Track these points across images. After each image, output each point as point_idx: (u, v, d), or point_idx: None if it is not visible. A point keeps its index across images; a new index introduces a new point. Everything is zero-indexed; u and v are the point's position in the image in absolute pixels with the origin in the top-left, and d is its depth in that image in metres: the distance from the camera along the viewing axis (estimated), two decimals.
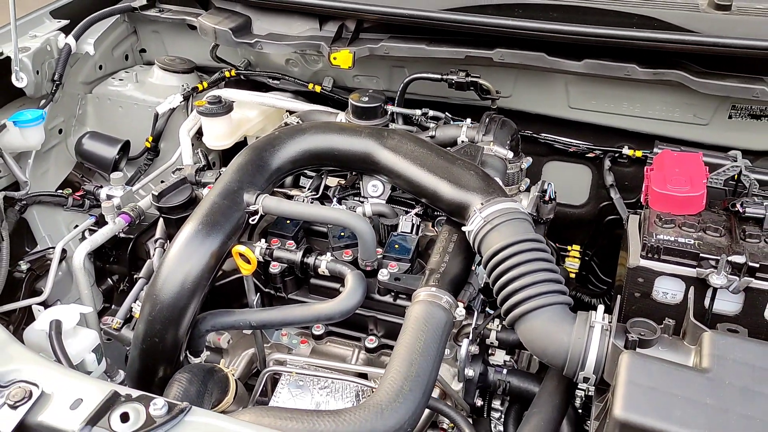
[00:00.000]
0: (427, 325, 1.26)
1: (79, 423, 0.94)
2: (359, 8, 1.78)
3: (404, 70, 1.89)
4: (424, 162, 1.48)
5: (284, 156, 1.57)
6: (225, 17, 1.94)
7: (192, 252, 1.36)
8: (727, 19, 1.58)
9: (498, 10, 1.69)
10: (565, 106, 1.88)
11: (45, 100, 1.92)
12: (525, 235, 1.31)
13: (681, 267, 1.35)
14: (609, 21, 1.62)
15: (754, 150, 1.76)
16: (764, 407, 1.03)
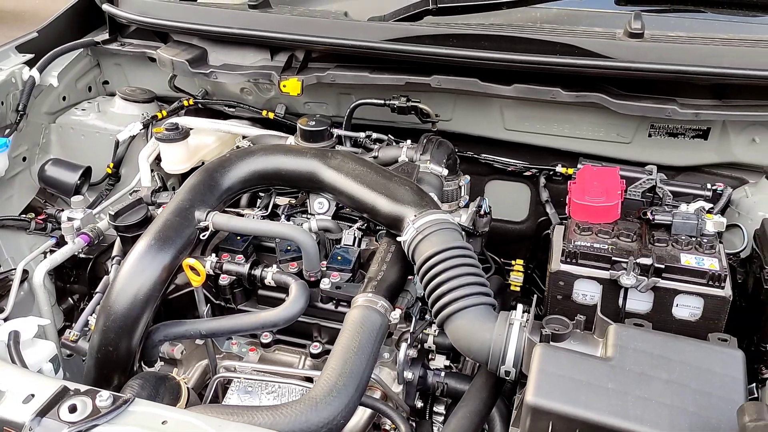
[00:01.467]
0: (363, 327, 1.36)
1: (30, 414, 1.02)
2: (307, 40, 1.91)
3: (351, 97, 2.01)
4: (364, 179, 1.60)
5: (234, 177, 1.68)
6: (182, 49, 2.06)
7: (145, 266, 1.46)
8: (640, 46, 1.73)
9: (434, 40, 1.82)
10: (501, 128, 2.01)
11: (9, 129, 2.01)
12: (453, 243, 1.43)
13: (596, 270, 1.47)
14: (535, 49, 1.76)
15: (674, 165, 1.90)
16: (658, 389, 1.14)
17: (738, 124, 1.80)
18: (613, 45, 1.73)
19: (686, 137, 1.86)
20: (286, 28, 1.93)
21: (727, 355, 1.21)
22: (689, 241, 1.49)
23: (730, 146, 1.84)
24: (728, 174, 1.88)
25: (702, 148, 1.87)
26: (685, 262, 1.43)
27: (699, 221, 1.51)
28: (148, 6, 2.16)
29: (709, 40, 1.75)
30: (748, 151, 1.83)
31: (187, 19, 2.05)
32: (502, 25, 1.87)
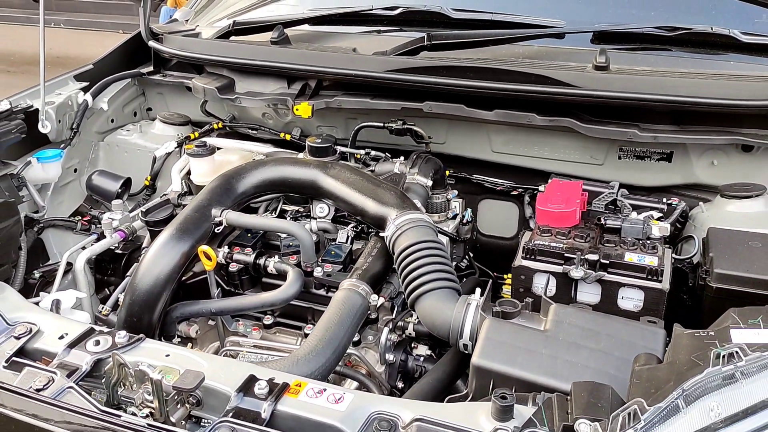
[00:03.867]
0: (345, 305, 1.60)
1: (63, 346, 1.29)
2: (319, 70, 2.21)
3: (357, 121, 2.28)
4: (357, 186, 1.86)
5: (248, 183, 1.95)
6: (213, 79, 2.38)
7: (166, 251, 1.73)
8: (606, 77, 1.96)
9: (426, 71, 2.09)
10: (489, 150, 2.25)
11: (64, 144, 2.34)
12: (426, 237, 1.67)
13: (551, 265, 1.68)
14: (513, 79, 2.01)
15: (644, 186, 2.10)
16: (585, 356, 1.34)
17: (698, 148, 2.00)
18: (581, 76, 1.97)
19: (652, 160, 2.07)
20: (301, 60, 2.23)
21: (650, 332, 1.41)
22: (635, 243, 1.69)
23: (692, 168, 2.04)
24: (694, 194, 2.07)
25: (667, 170, 2.07)
26: (628, 259, 1.64)
27: (645, 226, 1.71)
28: (187, 43, 2.51)
29: (669, 73, 1.98)
30: (707, 173, 2.02)
31: (219, 53, 2.38)
32: (488, 59, 2.13)
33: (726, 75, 1.98)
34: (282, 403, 1.15)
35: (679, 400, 1.01)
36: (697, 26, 2.12)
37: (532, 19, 2.22)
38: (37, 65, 2.21)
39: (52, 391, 1.16)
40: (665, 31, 2.15)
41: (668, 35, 2.14)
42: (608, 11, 2.38)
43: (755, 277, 1.55)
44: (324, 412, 1.13)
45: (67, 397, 1.16)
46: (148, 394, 1.18)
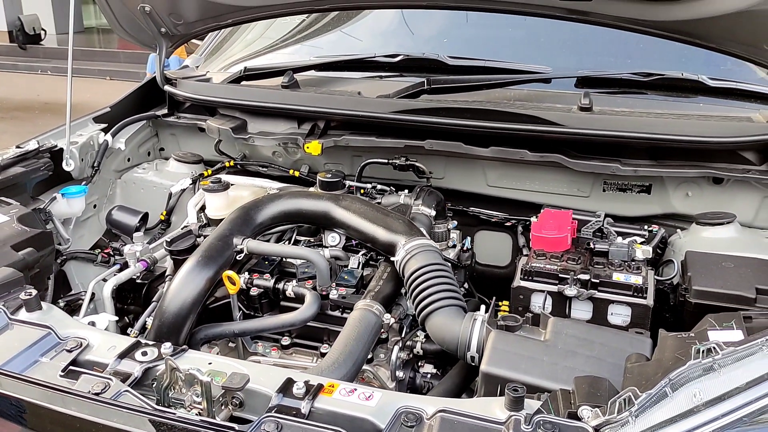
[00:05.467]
0: (361, 323, 1.76)
1: (113, 357, 1.42)
2: (327, 111, 2.40)
3: (362, 158, 2.46)
4: (367, 215, 2.03)
5: (265, 214, 2.12)
6: (227, 120, 2.57)
7: (192, 277, 1.88)
8: (590, 117, 2.18)
9: (427, 112, 2.29)
10: (485, 184, 2.44)
11: (86, 181, 2.50)
12: (433, 261, 1.83)
13: (547, 285, 1.86)
14: (506, 119, 2.22)
15: (626, 216, 2.29)
16: (581, 362, 1.50)
17: (674, 181, 2.21)
18: (568, 116, 2.18)
19: (633, 192, 2.27)
20: (311, 103, 2.43)
21: (638, 340, 1.58)
22: (621, 264, 1.87)
23: (669, 199, 2.24)
24: (672, 223, 2.26)
25: (647, 201, 2.27)
26: (616, 278, 1.82)
27: (630, 249, 1.90)
28: (200, 87, 2.70)
29: (646, 114, 2.20)
30: (683, 204, 2.22)
31: (232, 96, 2.57)
32: (482, 102, 2.35)
33: (696, 115, 2.21)
34: (318, 401, 1.29)
35: (667, 388, 1.17)
36: (669, 72, 2.36)
37: (522, 66, 2.45)
38: (25, 111, 2.39)
39: (110, 394, 1.30)
40: (641, 76, 2.39)
41: (644, 80, 2.38)
42: (590, 59, 2.62)
43: (729, 293, 1.73)
44: (357, 408, 1.28)
45: (124, 399, 1.29)
46: (196, 396, 1.32)
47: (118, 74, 12.69)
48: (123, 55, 13.72)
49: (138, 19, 2.60)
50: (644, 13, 2.02)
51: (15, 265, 1.76)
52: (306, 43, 3.37)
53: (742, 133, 2.05)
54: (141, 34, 2.69)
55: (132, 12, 2.57)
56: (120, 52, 13.95)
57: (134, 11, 2.55)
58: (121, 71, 12.84)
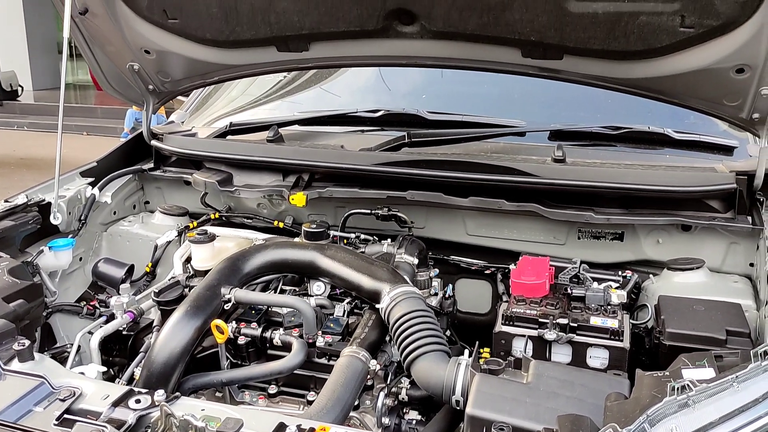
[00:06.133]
0: (348, 369, 1.80)
1: (107, 405, 1.45)
2: (312, 164, 2.49)
3: (345, 209, 2.53)
4: (352, 264, 2.09)
5: (252, 264, 2.17)
6: (213, 173, 2.63)
7: (181, 328, 1.91)
8: (563, 168, 2.28)
9: (408, 164, 2.39)
10: (464, 233, 2.52)
11: (72, 234, 2.53)
12: (417, 307, 1.89)
13: (527, 330, 1.92)
14: (484, 170, 2.31)
15: (601, 263, 2.38)
16: (563, 403, 1.55)
17: (645, 228, 2.31)
18: (543, 168, 2.29)
19: (607, 239, 2.37)
20: (295, 156, 2.51)
21: (617, 381, 1.65)
22: (598, 308, 1.95)
23: (642, 246, 2.33)
24: (644, 269, 2.35)
25: (620, 248, 2.36)
26: (593, 322, 1.89)
27: (605, 294, 1.98)
28: (187, 141, 2.77)
29: (616, 165, 2.32)
30: (654, 250, 2.32)
31: (218, 150, 2.64)
32: (461, 154, 2.45)
33: (664, 166, 2.33)
34: None
35: (645, 424, 1.24)
36: (637, 126, 2.50)
37: (498, 120, 2.57)
38: (0, 166, 2.43)
39: None
40: (610, 129, 2.52)
41: (613, 133, 2.51)
42: (562, 113, 2.76)
43: (701, 335, 1.81)
44: None
45: None
46: None
47: (95, 129, 12.76)
48: (100, 111, 13.82)
49: (126, 77, 2.69)
50: (611, 71, 2.16)
51: (7, 316, 1.78)
52: (287, 99, 3.48)
53: (706, 182, 2.17)
54: (129, 91, 2.77)
55: (120, 70, 2.66)
56: (98, 107, 14.05)
57: (123, 69, 2.63)
58: (98, 126, 12.91)
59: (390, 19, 2.18)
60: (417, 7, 2.11)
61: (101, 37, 2.49)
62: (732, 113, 2.14)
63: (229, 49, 2.47)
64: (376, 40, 2.29)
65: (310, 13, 2.22)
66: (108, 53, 2.58)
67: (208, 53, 2.50)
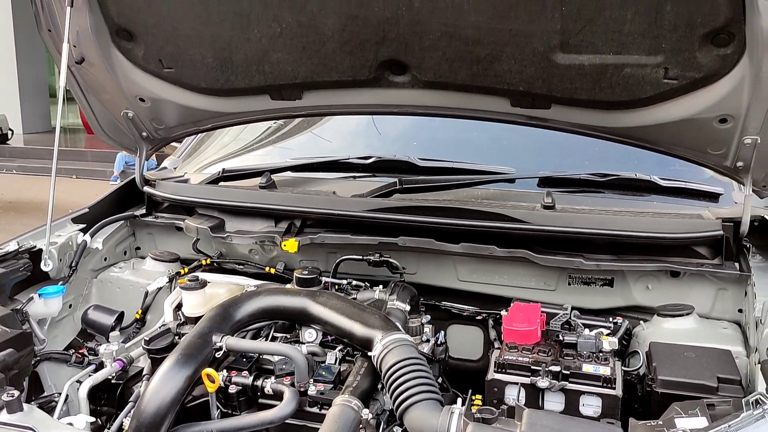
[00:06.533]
0: (340, 418, 1.78)
1: None
2: (304, 210, 2.50)
3: (337, 255, 2.54)
4: (344, 311, 2.09)
5: (244, 311, 2.16)
6: (205, 220, 2.64)
7: (172, 377, 1.89)
8: (553, 215, 2.31)
9: (400, 211, 2.41)
10: (456, 279, 2.53)
11: (63, 281, 2.52)
12: (410, 355, 1.89)
13: (520, 377, 1.92)
14: (475, 216, 2.34)
15: (591, 309, 2.39)
16: None
17: (634, 274, 2.33)
18: (532, 214, 2.32)
19: (597, 285, 2.38)
20: (287, 202, 2.53)
21: (610, 429, 1.64)
22: (590, 355, 1.95)
23: (631, 292, 2.35)
24: (634, 315, 2.37)
25: (610, 294, 2.38)
26: (585, 369, 1.89)
27: (597, 341, 1.99)
28: (179, 188, 2.79)
29: (605, 212, 2.35)
30: (644, 296, 2.33)
31: (211, 196, 2.66)
32: (451, 200, 2.48)
33: (651, 213, 2.36)
34: None
35: None
36: (624, 173, 2.54)
37: (488, 167, 2.61)
38: None
39: None
40: (598, 177, 2.57)
41: (601, 180, 2.55)
42: (550, 160, 2.80)
43: (692, 382, 1.82)
44: None
45: None
46: None
47: (84, 173, 12.77)
48: (90, 154, 13.85)
49: (120, 124, 2.72)
50: (598, 120, 2.21)
51: None
52: (279, 145, 3.52)
53: (693, 229, 2.20)
54: (122, 137, 2.80)
55: (115, 117, 2.68)
56: (87, 151, 14.09)
57: (117, 117, 2.66)
58: (88, 170, 12.93)
59: (382, 69, 2.23)
60: (408, 58, 2.17)
61: (97, 86, 2.53)
62: (716, 161, 2.19)
63: (223, 97, 2.51)
64: (368, 90, 2.34)
65: (303, 64, 2.26)
66: (103, 101, 2.61)
67: (202, 101, 2.54)
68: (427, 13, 1.99)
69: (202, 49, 2.30)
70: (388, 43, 2.12)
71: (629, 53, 1.95)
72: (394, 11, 2.01)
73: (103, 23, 2.28)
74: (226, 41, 2.24)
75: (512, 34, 1.99)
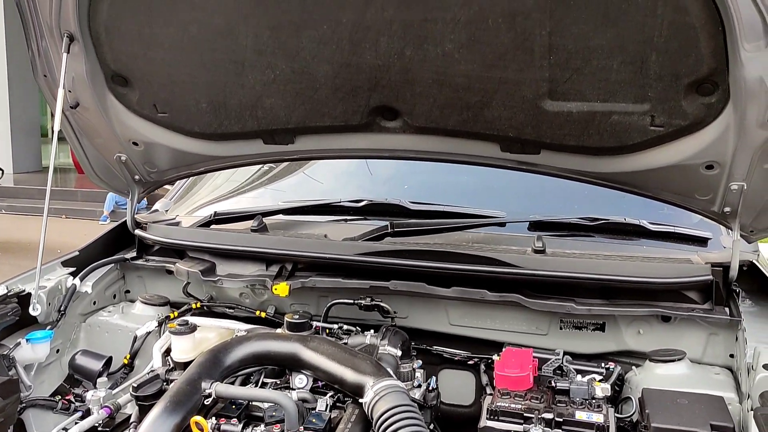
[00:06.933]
0: None
1: None
2: (295, 254, 2.50)
3: (328, 299, 2.53)
4: (335, 356, 2.07)
5: (234, 357, 2.14)
6: (196, 263, 2.64)
7: (160, 424, 1.86)
8: (544, 259, 2.32)
9: (391, 254, 2.41)
10: (447, 323, 2.52)
11: (51, 325, 2.49)
12: (402, 402, 1.87)
13: (512, 425, 1.90)
14: (466, 260, 2.35)
15: (583, 353, 2.38)
16: None
17: (625, 319, 2.33)
18: (523, 258, 2.32)
19: (589, 330, 2.38)
20: (279, 245, 2.53)
21: None
22: (582, 402, 1.94)
23: (623, 337, 2.35)
24: (626, 360, 2.36)
25: (602, 339, 2.37)
26: (578, 417, 1.88)
27: (589, 387, 1.98)
28: (171, 231, 2.79)
29: (595, 256, 2.36)
30: (636, 341, 2.33)
31: (202, 239, 2.66)
32: (443, 244, 2.48)
33: (641, 257, 2.38)
34: None
35: None
36: (613, 217, 2.56)
37: (479, 211, 2.63)
38: None
39: None
40: (588, 221, 2.59)
41: (591, 224, 2.57)
42: (540, 204, 2.83)
43: (686, 429, 1.80)
44: None
45: None
46: None
47: (74, 213, 12.71)
48: (80, 194, 13.80)
49: (112, 167, 2.72)
50: (587, 166, 2.24)
51: None
52: (271, 186, 3.53)
53: (683, 274, 2.21)
54: (114, 180, 2.80)
55: (107, 160, 2.69)
56: (78, 191, 14.03)
57: (110, 160, 2.67)
58: (78, 210, 12.88)
59: (374, 115, 2.26)
60: (400, 104, 2.20)
61: (90, 130, 2.54)
62: (704, 206, 2.21)
63: (216, 141, 2.53)
64: (360, 134, 2.37)
65: (296, 109, 2.29)
66: (96, 144, 2.62)
67: (195, 145, 2.55)
68: (418, 62, 2.02)
69: (196, 95, 2.32)
70: (380, 90, 2.15)
71: (616, 101, 1.99)
72: (386, 59, 2.04)
73: (99, 69, 2.31)
74: (220, 87, 2.27)
75: (501, 81, 2.02)
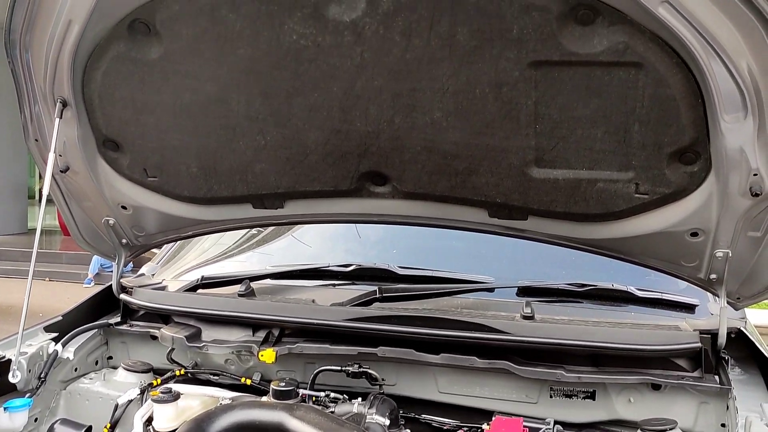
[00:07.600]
0: None
1: None
2: (282, 319, 2.48)
3: (315, 365, 2.49)
4: (322, 426, 2.03)
5: (218, 426, 2.08)
6: (181, 328, 2.60)
7: None
8: (532, 325, 2.31)
9: (379, 320, 2.39)
10: (436, 391, 2.48)
11: (30, 393, 2.43)
12: None
13: None
14: (455, 326, 2.33)
15: (575, 423, 2.34)
16: None
17: (615, 387, 2.30)
18: (512, 325, 2.31)
19: (579, 398, 2.35)
20: (266, 311, 2.50)
21: None
22: None
23: (613, 405, 2.31)
24: (617, 430, 2.32)
25: (592, 407, 2.34)
26: None
27: None
28: (156, 295, 2.76)
29: (584, 322, 2.36)
30: (627, 410, 2.30)
31: (188, 304, 2.63)
32: (431, 309, 2.47)
33: (629, 323, 2.37)
34: None
35: None
36: (601, 283, 2.57)
37: (467, 276, 2.63)
38: None
39: None
40: (576, 286, 2.59)
41: (578, 290, 2.58)
42: (528, 269, 2.83)
43: None
44: None
45: None
46: None
47: (58, 275, 12.56)
48: (65, 257, 13.69)
49: (100, 231, 2.71)
50: (574, 232, 2.26)
51: None
52: (259, 250, 3.52)
53: (671, 341, 2.21)
54: (101, 244, 2.79)
55: (96, 224, 2.68)
56: (62, 253, 13.92)
57: (98, 224, 2.66)
58: (62, 272, 12.74)
59: (363, 180, 2.29)
60: (389, 170, 2.23)
61: (79, 193, 2.54)
62: (690, 273, 2.23)
63: (206, 206, 2.54)
64: (350, 199, 2.39)
65: (286, 174, 2.31)
66: (84, 208, 2.62)
67: (185, 209, 2.56)
68: (407, 129, 2.06)
69: (187, 159, 2.34)
70: (369, 156, 2.19)
71: (601, 169, 2.03)
72: (376, 126, 2.08)
73: (90, 134, 2.33)
74: (211, 152, 2.29)
75: (489, 149, 2.06)
